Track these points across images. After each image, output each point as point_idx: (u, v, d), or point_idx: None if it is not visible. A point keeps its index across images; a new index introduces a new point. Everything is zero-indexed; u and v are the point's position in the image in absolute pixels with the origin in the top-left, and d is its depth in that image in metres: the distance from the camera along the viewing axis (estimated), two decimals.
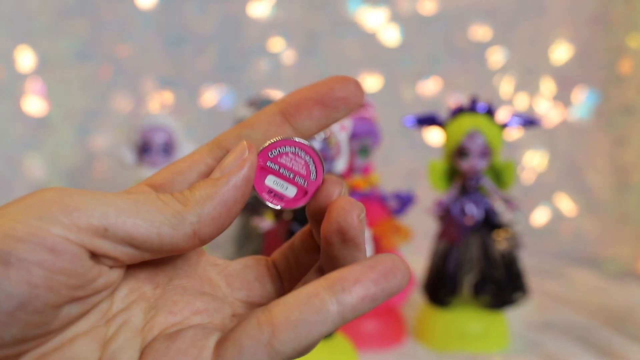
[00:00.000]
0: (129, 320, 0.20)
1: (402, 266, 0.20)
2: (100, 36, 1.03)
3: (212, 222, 0.20)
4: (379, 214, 0.64)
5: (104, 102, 1.05)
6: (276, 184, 0.22)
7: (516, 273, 0.63)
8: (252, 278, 0.23)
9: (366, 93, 0.21)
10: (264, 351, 0.18)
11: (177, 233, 0.20)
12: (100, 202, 0.19)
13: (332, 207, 0.20)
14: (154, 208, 0.20)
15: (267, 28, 1.07)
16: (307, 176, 0.21)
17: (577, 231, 1.05)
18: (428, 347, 0.63)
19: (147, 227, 0.19)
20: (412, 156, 1.07)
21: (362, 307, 0.19)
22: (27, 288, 0.17)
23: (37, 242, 0.17)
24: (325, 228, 0.20)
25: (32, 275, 0.17)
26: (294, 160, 0.21)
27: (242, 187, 0.21)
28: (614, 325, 0.68)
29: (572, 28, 1.05)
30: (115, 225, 0.19)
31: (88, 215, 0.18)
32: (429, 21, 1.08)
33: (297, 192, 0.22)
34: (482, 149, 0.61)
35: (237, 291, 0.23)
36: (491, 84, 1.08)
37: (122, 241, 0.19)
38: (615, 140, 1.04)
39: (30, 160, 1.03)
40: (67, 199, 0.18)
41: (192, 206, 0.20)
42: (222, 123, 1.05)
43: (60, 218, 0.18)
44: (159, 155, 0.70)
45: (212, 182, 0.21)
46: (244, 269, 0.24)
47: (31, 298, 0.17)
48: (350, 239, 0.20)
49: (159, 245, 0.20)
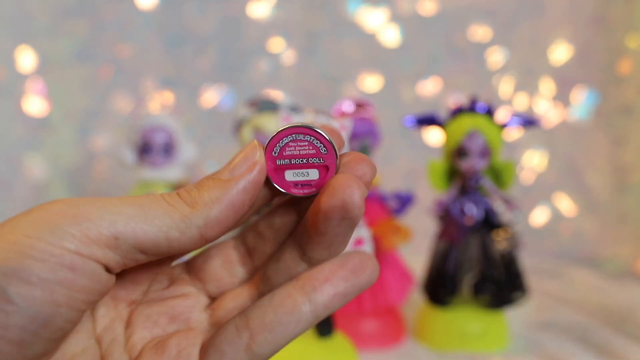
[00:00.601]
0: (115, 338, 0.21)
1: (370, 262, 0.20)
2: (101, 36, 1.03)
3: (218, 224, 0.20)
4: (379, 214, 0.64)
5: (104, 102, 1.05)
6: (296, 175, 0.21)
7: (516, 273, 0.63)
8: (218, 266, 0.23)
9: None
10: (244, 355, 0.19)
11: (185, 236, 0.20)
12: (107, 210, 0.19)
13: (338, 182, 0.20)
14: (161, 212, 0.20)
15: (267, 28, 1.07)
16: (318, 153, 0.21)
17: (577, 231, 1.05)
18: (428, 346, 0.63)
19: (156, 232, 0.19)
20: (412, 156, 1.07)
21: (333, 304, 0.19)
22: (51, 307, 0.17)
23: (55, 261, 0.17)
24: (327, 202, 0.19)
25: (55, 294, 0.17)
26: (297, 146, 0.21)
27: (251, 190, 0.21)
28: (614, 325, 0.68)
29: (572, 28, 1.06)
30: (125, 234, 0.19)
31: (97, 225, 0.18)
32: (429, 21, 1.08)
33: (320, 171, 0.21)
34: (481, 149, 0.61)
35: (205, 284, 0.23)
36: (491, 84, 1.08)
37: (133, 248, 0.19)
38: (615, 140, 1.04)
39: (30, 160, 1.03)
40: (74, 210, 0.18)
41: (200, 209, 0.20)
42: (222, 123, 1.05)
43: (72, 231, 0.18)
44: (159, 155, 0.70)
45: (221, 183, 0.20)
46: (207, 261, 0.23)
47: (53, 316, 0.18)
48: (352, 217, 0.19)
49: (167, 249, 0.20)
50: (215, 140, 1.04)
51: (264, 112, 0.67)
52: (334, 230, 0.20)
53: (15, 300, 0.17)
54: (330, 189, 0.19)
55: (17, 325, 0.17)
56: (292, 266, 0.21)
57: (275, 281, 0.21)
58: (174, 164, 0.71)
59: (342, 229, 0.20)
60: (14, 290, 0.17)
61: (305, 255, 0.21)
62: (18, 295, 0.17)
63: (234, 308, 0.22)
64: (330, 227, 0.20)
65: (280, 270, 0.21)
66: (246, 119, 0.67)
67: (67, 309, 0.18)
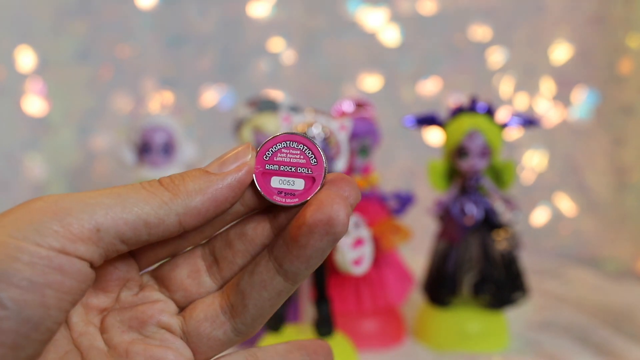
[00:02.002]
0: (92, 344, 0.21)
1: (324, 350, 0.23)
2: (101, 36, 1.03)
3: (198, 214, 0.20)
4: (379, 214, 0.64)
5: (105, 102, 1.05)
6: (282, 182, 0.21)
7: (516, 273, 0.63)
8: (184, 276, 0.23)
9: None
10: None
11: (163, 223, 0.20)
12: (86, 203, 0.19)
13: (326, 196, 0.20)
14: (140, 199, 0.20)
15: (267, 28, 1.07)
16: (308, 163, 0.21)
17: (577, 231, 1.05)
18: (428, 346, 0.63)
19: (135, 219, 0.19)
20: (412, 156, 1.07)
21: None
22: (42, 310, 0.18)
23: (44, 263, 0.18)
24: (313, 215, 0.19)
25: (45, 297, 0.18)
26: (289, 153, 0.21)
27: (235, 188, 0.21)
28: (614, 325, 0.68)
29: (572, 28, 1.05)
30: (106, 224, 0.19)
31: (79, 219, 0.18)
32: (429, 21, 1.08)
33: (306, 182, 0.21)
34: (481, 149, 0.61)
35: (173, 293, 0.23)
36: (491, 84, 1.08)
37: (114, 238, 0.19)
38: (615, 141, 1.04)
39: (30, 160, 1.03)
40: (54, 207, 0.19)
41: (181, 197, 0.20)
42: (222, 123, 1.05)
43: (55, 228, 0.18)
44: (159, 156, 0.70)
45: (207, 175, 0.21)
46: (174, 269, 0.23)
47: (44, 319, 0.18)
48: (336, 233, 0.19)
49: (147, 237, 0.20)
50: (215, 140, 1.04)
51: (263, 112, 0.67)
52: (316, 244, 0.20)
53: (7, 304, 0.17)
54: (318, 203, 0.19)
55: (11, 329, 0.17)
56: (267, 279, 0.21)
57: (249, 295, 0.21)
58: (174, 164, 0.71)
59: (323, 244, 0.20)
60: (5, 294, 0.17)
61: (282, 268, 0.21)
62: (10, 300, 0.17)
63: (205, 319, 0.22)
64: (313, 241, 0.20)
65: (255, 284, 0.21)
66: (246, 119, 0.67)
67: (56, 310, 0.18)
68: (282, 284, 0.21)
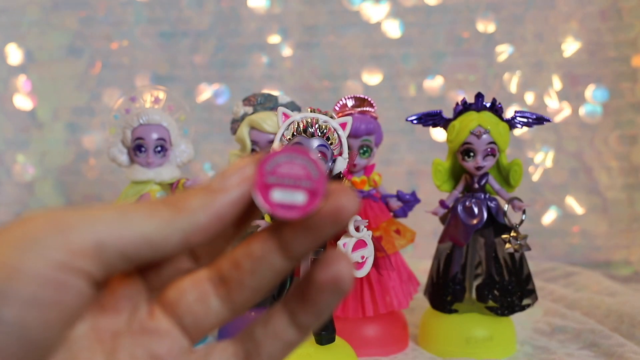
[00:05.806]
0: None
1: None
2: (92, 30, 1.01)
3: (201, 232, 0.21)
4: (381, 215, 0.63)
5: (96, 99, 1.03)
6: (283, 195, 0.22)
7: (524, 277, 0.61)
8: (192, 301, 0.23)
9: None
10: None
11: (167, 242, 0.20)
12: (88, 218, 0.19)
13: (330, 257, 0.21)
14: (143, 216, 0.20)
15: (265, 22, 1.05)
16: (309, 176, 0.22)
17: (587, 233, 1.03)
18: (432, 352, 0.62)
19: (137, 237, 0.19)
20: (415, 155, 1.05)
21: None
22: (43, 328, 0.18)
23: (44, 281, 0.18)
24: (320, 275, 0.21)
25: (46, 315, 0.18)
26: (291, 166, 0.22)
27: (239, 204, 0.21)
28: (625, 331, 0.66)
29: (582, 22, 1.03)
30: (107, 240, 0.19)
31: (80, 232, 0.19)
32: (433, 15, 1.05)
33: (307, 196, 0.22)
34: (487, 148, 0.59)
35: (181, 319, 0.23)
36: (498, 80, 1.06)
37: (116, 255, 0.19)
38: (626, 138, 1.01)
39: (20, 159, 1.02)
40: (55, 221, 0.19)
41: (185, 214, 0.20)
42: (218, 120, 1.03)
43: (56, 244, 0.18)
44: (153, 154, 0.68)
45: (210, 192, 0.21)
46: (182, 295, 0.23)
47: (44, 335, 0.18)
48: (343, 289, 0.21)
49: (150, 255, 0.20)
50: (211, 138, 1.03)
51: (261, 110, 0.66)
52: (326, 301, 0.21)
53: (9, 322, 0.17)
54: (323, 264, 0.21)
55: (11, 346, 0.18)
56: (280, 331, 0.22)
57: (264, 346, 0.22)
58: (168, 163, 0.69)
59: (333, 300, 0.21)
60: (6, 313, 0.17)
61: (295, 320, 0.22)
62: (9, 316, 0.17)
63: None
64: (323, 299, 0.21)
65: (269, 334, 0.22)
66: (244, 116, 0.66)
67: (57, 326, 0.18)
68: (294, 335, 0.22)
